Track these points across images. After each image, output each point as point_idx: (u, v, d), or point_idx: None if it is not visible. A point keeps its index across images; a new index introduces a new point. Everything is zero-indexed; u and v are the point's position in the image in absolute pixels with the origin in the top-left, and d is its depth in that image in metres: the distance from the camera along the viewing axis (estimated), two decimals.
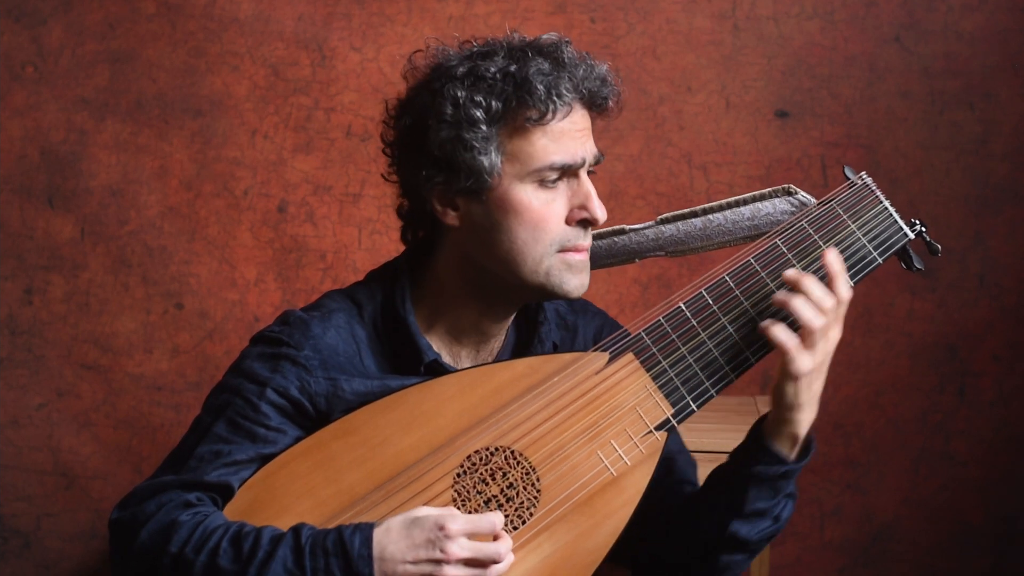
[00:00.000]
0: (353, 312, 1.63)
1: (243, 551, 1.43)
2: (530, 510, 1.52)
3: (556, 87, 1.53)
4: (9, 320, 2.81)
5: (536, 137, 1.54)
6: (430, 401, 1.55)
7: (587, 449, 1.55)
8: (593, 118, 1.61)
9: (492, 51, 1.57)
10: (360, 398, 1.56)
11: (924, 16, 2.64)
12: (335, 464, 1.52)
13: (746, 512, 1.58)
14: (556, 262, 1.57)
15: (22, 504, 2.84)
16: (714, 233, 1.69)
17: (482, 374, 1.57)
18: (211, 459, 1.52)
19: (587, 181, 1.58)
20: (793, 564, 2.75)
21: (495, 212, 1.55)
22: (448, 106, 1.53)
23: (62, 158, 2.78)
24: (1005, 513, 2.71)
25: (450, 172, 1.55)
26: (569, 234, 1.57)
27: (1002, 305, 2.67)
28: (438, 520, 1.42)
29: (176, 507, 1.48)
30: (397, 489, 1.51)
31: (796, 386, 1.53)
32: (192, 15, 2.75)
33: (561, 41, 1.59)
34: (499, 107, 1.53)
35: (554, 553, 1.52)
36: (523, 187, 1.55)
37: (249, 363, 1.58)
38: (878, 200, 1.61)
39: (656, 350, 1.58)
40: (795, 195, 1.66)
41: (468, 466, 1.53)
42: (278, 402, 1.55)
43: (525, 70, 1.53)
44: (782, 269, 1.58)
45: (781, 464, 1.56)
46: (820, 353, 1.52)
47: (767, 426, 1.58)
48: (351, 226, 2.77)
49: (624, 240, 1.72)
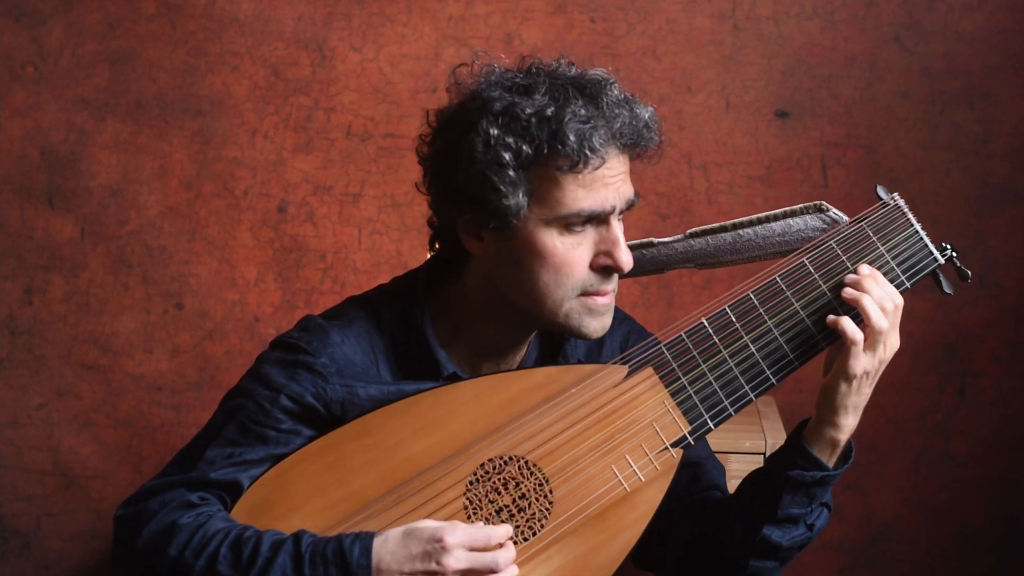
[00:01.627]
0: (372, 322, 1.61)
1: (242, 557, 1.43)
2: (541, 521, 1.51)
3: (590, 139, 1.49)
4: (9, 320, 2.81)
5: (567, 183, 1.51)
6: (445, 406, 1.53)
7: (602, 463, 1.53)
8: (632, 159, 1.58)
9: (533, 86, 1.52)
10: (375, 403, 1.55)
11: (924, 16, 2.64)
12: (347, 466, 1.51)
13: (779, 517, 1.57)
14: (577, 305, 1.54)
15: (22, 504, 2.84)
16: (744, 248, 1.67)
17: (499, 381, 1.55)
18: (220, 460, 1.52)
19: (616, 227, 1.54)
20: (793, 564, 2.74)
21: (519, 251, 1.53)
22: (479, 143, 1.50)
23: (62, 158, 2.78)
24: (1005, 513, 2.71)
25: (477, 207, 1.52)
26: (592, 279, 1.55)
27: (1002, 305, 2.67)
28: (435, 532, 1.41)
29: (178, 507, 1.48)
30: (408, 495, 1.50)
31: (849, 387, 1.52)
32: (192, 15, 2.75)
33: (606, 81, 1.56)
34: (530, 153, 1.49)
35: (564, 566, 1.50)
36: (548, 231, 1.52)
37: (267, 369, 1.57)
38: (909, 223, 1.59)
39: (676, 366, 1.56)
40: (826, 212, 1.64)
41: (481, 474, 1.51)
42: (291, 408, 1.54)
43: (561, 115, 1.49)
44: (808, 290, 1.56)
45: (819, 470, 1.55)
46: (878, 357, 1.53)
47: (808, 431, 1.57)
48: (351, 226, 2.77)
49: (652, 252, 1.71)
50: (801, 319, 1.56)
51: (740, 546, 1.59)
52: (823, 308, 1.56)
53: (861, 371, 1.52)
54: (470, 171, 1.51)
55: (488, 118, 1.51)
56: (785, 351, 1.55)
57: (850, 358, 1.51)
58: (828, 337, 1.56)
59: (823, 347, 1.57)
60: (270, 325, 2.78)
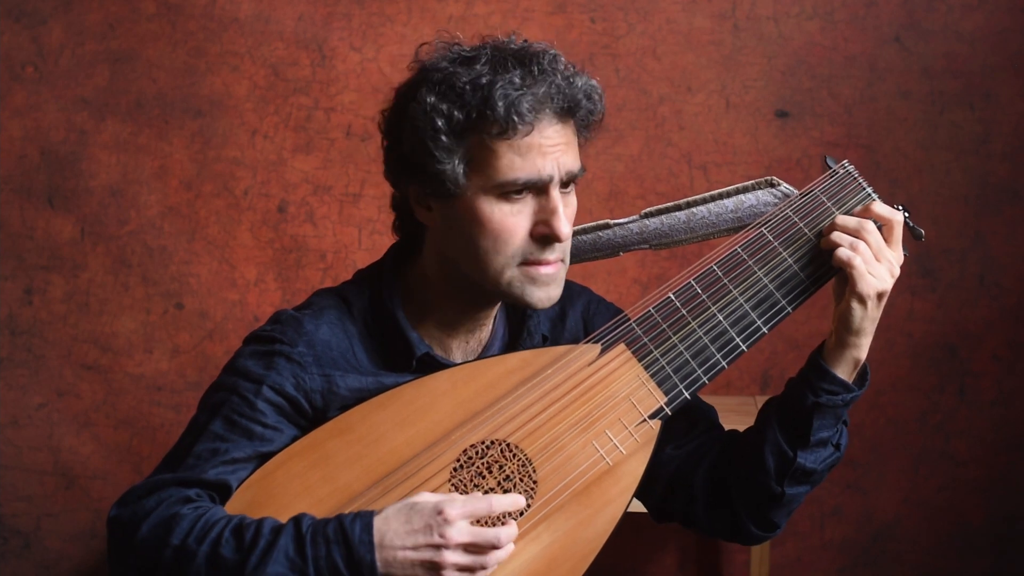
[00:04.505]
0: (343, 309, 1.64)
1: (245, 541, 1.44)
2: (528, 501, 1.53)
3: (518, 104, 1.51)
4: (9, 320, 2.81)
5: (502, 151, 1.53)
6: (424, 397, 1.56)
7: (582, 439, 1.56)
8: (578, 132, 1.59)
9: (475, 57, 1.56)
10: (355, 394, 1.58)
11: (924, 16, 2.64)
12: (332, 462, 1.53)
13: (812, 443, 1.59)
14: (518, 274, 1.56)
15: (22, 504, 2.84)
16: (698, 226, 1.71)
17: (475, 369, 1.58)
18: (209, 457, 1.53)
19: (556, 197, 1.56)
20: (793, 564, 2.75)
21: (461, 219, 1.56)
22: (419, 111, 1.54)
23: (62, 158, 2.78)
24: (1005, 513, 2.71)
25: (420, 174, 1.56)
26: (531, 248, 1.56)
27: (1002, 305, 2.67)
28: (437, 505, 1.43)
29: (176, 502, 1.49)
30: (394, 485, 1.52)
31: (864, 308, 1.56)
32: (192, 15, 2.75)
33: (545, 52, 1.57)
34: (461, 118, 1.52)
35: (553, 543, 1.53)
36: (487, 199, 1.54)
37: (243, 362, 1.59)
38: (861, 187, 1.63)
39: (647, 340, 1.60)
40: (778, 187, 1.68)
41: (464, 460, 1.54)
42: (274, 400, 1.56)
43: (494, 82, 1.52)
44: (769, 257, 1.60)
45: (847, 391, 1.59)
46: (887, 272, 1.56)
47: (827, 356, 1.60)
48: (351, 226, 2.78)
49: (608, 234, 1.73)
50: (764, 285, 1.60)
51: (775, 476, 1.62)
52: (785, 274, 1.61)
53: (875, 290, 1.56)
54: (412, 139, 1.55)
55: (427, 86, 1.55)
56: (752, 318, 1.60)
57: (857, 280, 1.55)
58: (793, 301, 1.61)
59: (789, 311, 1.61)
60: None
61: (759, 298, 1.59)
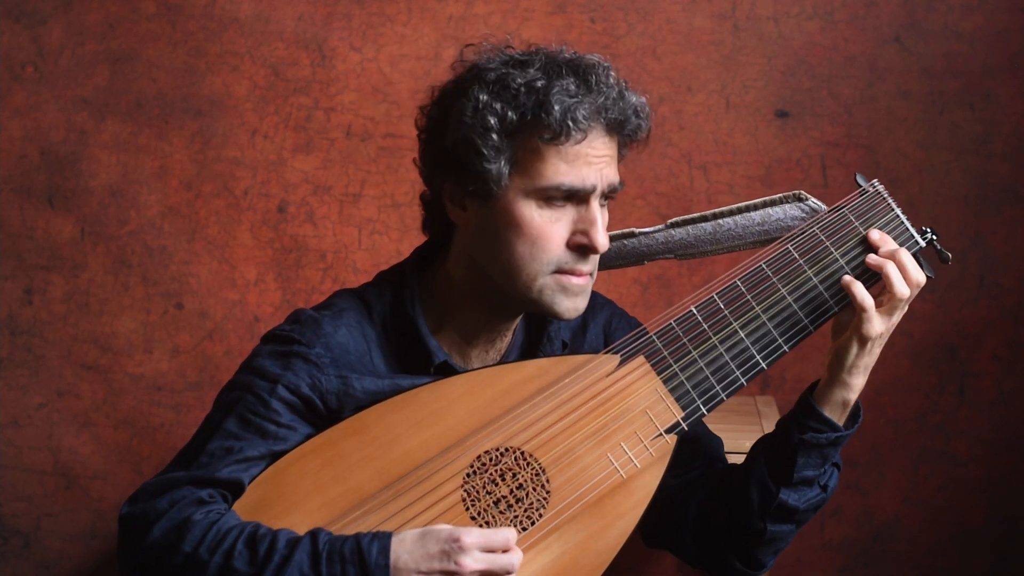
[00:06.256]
0: (363, 312, 1.64)
1: (259, 554, 1.43)
2: (539, 511, 1.52)
3: (574, 111, 1.51)
4: (9, 320, 2.81)
5: (549, 155, 1.53)
6: (440, 401, 1.55)
7: (597, 451, 1.55)
8: (620, 146, 1.60)
9: (529, 61, 1.56)
10: (371, 396, 1.57)
11: (924, 16, 2.64)
12: (344, 462, 1.52)
13: (795, 480, 1.59)
14: (550, 282, 1.56)
15: (22, 504, 2.84)
16: (724, 238, 1.70)
17: (493, 374, 1.57)
18: (222, 455, 1.52)
19: (596, 208, 1.56)
20: (793, 564, 2.75)
21: (498, 221, 1.55)
22: (469, 108, 1.54)
23: (62, 158, 2.78)
24: (1005, 513, 2.71)
25: (460, 172, 1.55)
26: (568, 257, 1.56)
27: (1002, 305, 2.67)
28: (452, 532, 1.43)
29: (189, 504, 1.48)
30: (406, 488, 1.51)
31: (862, 349, 1.56)
32: (192, 15, 2.75)
33: (600, 64, 1.58)
34: (514, 119, 1.52)
35: (563, 554, 1.52)
36: (527, 202, 1.54)
37: (260, 360, 1.59)
38: (890, 208, 1.62)
39: (667, 353, 1.59)
40: (806, 201, 1.67)
41: (478, 466, 1.53)
42: (289, 399, 1.55)
43: (550, 87, 1.52)
44: (794, 275, 1.59)
45: (832, 431, 1.58)
46: (892, 322, 1.58)
47: (818, 394, 1.60)
48: (351, 226, 2.77)
49: (633, 243, 1.72)
50: (788, 304, 1.59)
51: (757, 512, 1.62)
52: (810, 294, 1.59)
53: (877, 333, 1.57)
54: (457, 135, 1.55)
55: (480, 85, 1.55)
56: (774, 336, 1.59)
57: (864, 322, 1.56)
58: (815, 321, 1.60)
59: (811, 331, 1.60)
60: (270, 325, 2.73)
61: (782, 316, 1.58)
